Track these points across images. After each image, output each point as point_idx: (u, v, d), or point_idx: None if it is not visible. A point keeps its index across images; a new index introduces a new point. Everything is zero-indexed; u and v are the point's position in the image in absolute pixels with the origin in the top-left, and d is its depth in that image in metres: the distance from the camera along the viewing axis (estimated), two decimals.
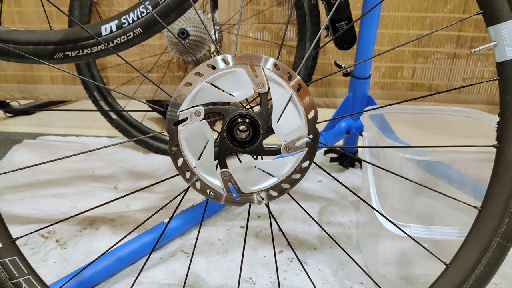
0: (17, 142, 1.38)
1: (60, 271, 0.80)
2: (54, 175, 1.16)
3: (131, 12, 0.64)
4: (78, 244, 0.87)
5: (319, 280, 0.79)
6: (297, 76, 0.45)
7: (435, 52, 1.28)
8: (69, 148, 1.34)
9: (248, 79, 0.45)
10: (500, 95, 0.50)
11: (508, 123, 0.49)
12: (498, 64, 0.49)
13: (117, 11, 1.28)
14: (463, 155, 0.69)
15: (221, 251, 0.86)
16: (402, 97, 1.35)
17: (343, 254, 0.85)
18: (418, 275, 0.77)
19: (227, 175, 0.46)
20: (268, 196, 0.47)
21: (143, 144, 1.32)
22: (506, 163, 0.49)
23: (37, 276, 0.53)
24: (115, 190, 1.10)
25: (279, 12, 1.27)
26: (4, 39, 0.63)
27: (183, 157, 0.46)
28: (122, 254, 0.79)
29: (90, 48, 0.65)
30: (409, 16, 1.22)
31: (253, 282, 0.78)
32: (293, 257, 0.85)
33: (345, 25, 0.94)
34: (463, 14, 1.21)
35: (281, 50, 1.26)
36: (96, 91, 1.28)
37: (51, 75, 1.39)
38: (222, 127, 0.45)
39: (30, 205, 1.01)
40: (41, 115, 1.71)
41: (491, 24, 0.48)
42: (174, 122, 0.45)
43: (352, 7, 0.97)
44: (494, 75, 0.76)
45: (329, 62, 1.31)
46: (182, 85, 0.45)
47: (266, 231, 0.93)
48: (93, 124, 1.56)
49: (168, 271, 0.80)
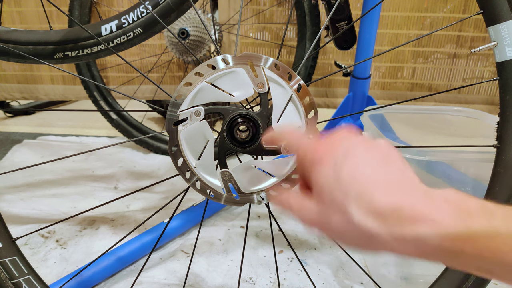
0: (17, 142, 1.38)
1: (60, 271, 0.80)
2: (54, 175, 1.16)
3: (131, 12, 0.64)
4: (78, 244, 0.87)
5: (319, 280, 0.79)
6: (297, 76, 0.45)
7: (435, 52, 1.28)
8: (69, 148, 1.34)
9: (248, 79, 0.45)
10: (500, 95, 0.50)
11: (508, 123, 0.49)
12: (498, 64, 0.49)
13: (117, 11, 1.28)
14: (463, 155, 0.69)
15: (221, 251, 0.86)
16: (402, 97, 1.35)
17: (343, 254, 0.85)
18: (418, 275, 0.77)
19: (227, 175, 0.46)
20: (268, 196, 0.47)
21: (143, 144, 1.32)
22: (506, 163, 0.49)
23: (37, 276, 0.53)
24: (115, 190, 1.10)
25: (279, 12, 1.27)
26: (4, 39, 0.63)
27: (183, 157, 0.46)
28: (122, 254, 0.79)
29: (90, 48, 0.65)
30: (409, 16, 1.22)
31: (253, 282, 0.78)
32: (293, 257, 0.85)
33: (345, 25, 0.94)
34: (463, 14, 1.21)
35: (281, 50, 1.26)
36: (96, 91, 1.28)
37: (51, 75, 1.39)
38: (222, 127, 0.45)
39: (30, 205, 1.01)
40: (41, 115, 1.71)
41: (491, 24, 0.49)
42: (174, 122, 0.45)
43: (352, 7, 0.96)
44: (494, 75, 0.76)
45: (329, 62, 1.31)
46: (182, 85, 0.45)
47: (266, 231, 0.93)
48: (93, 124, 1.56)
49: (168, 271, 0.80)
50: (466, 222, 0.26)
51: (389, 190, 0.29)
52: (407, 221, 0.27)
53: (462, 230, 0.26)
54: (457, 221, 0.26)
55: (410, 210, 0.27)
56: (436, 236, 0.26)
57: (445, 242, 0.26)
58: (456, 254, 0.27)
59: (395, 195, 0.29)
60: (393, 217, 0.28)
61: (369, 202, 0.29)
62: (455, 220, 0.26)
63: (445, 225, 0.26)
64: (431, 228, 0.27)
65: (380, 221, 0.28)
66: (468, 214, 0.26)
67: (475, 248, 0.26)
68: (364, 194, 0.29)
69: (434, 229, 0.26)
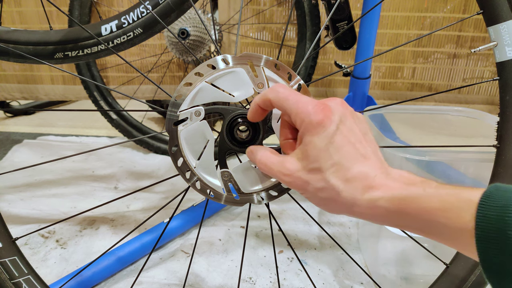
0: (17, 142, 1.38)
1: (60, 271, 0.80)
2: (54, 175, 1.16)
3: (131, 12, 0.64)
4: (78, 244, 0.87)
5: (319, 280, 0.79)
6: (297, 76, 0.45)
7: (435, 52, 1.28)
8: (69, 148, 1.34)
9: (248, 79, 0.45)
10: (500, 95, 0.50)
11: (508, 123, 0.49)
12: (498, 64, 0.49)
13: (117, 11, 1.28)
14: (463, 155, 0.69)
15: (221, 251, 0.86)
16: (402, 97, 1.35)
17: (343, 254, 0.85)
18: (418, 275, 0.77)
19: (227, 175, 0.46)
20: (268, 196, 0.47)
21: (143, 144, 1.32)
22: (506, 163, 0.49)
23: (37, 276, 0.53)
24: (115, 190, 1.10)
25: (279, 12, 1.27)
26: (4, 39, 0.63)
27: (183, 157, 0.46)
28: (122, 254, 0.79)
29: (90, 48, 0.65)
30: (409, 16, 1.22)
31: (253, 282, 0.78)
32: (293, 257, 0.85)
33: (345, 25, 0.94)
34: (463, 14, 1.21)
35: (281, 50, 1.26)
36: (96, 91, 1.28)
37: (51, 75, 1.39)
38: (222, 127, 0.45)
39: (30, 205, 1.01)
40: (41, 115, 1.71)
41: (491, 24, 0.49)
42: (174, 122, 0.45)
43: (352, 7, 0.96)
44: (494, 75, 0.76)
45: (329, 62, 1.31)
46: (182, 85, 0.45)
47: (266, 231, 0.93)
48: (93, 124, 1.56)
49: (168, 271, 0.80)
50: (408, 189, 0.33)
51: (361, 163, 0.36)
52: (367, 188, 0.35)
53: (404, 193, 0.33)
54: (402, 188, 0.34)
55: (372, 180, 0.35)
56: (385, 199, 0.34)
57: (391, 203, 0.33)
58: (398, 214, 0.33)
59: (364, 167, 0.35)
60: (358, 184, 0.35)
61: (345, 170, 0.35)
62: (401, 187, 0.34)
63: (393, 191, 0.34)
64: (383, 193, 0.34)
65: (348, 186, 0.35)
66: (412, 184, 0.34)
67: (412, 209, 0.32)
68: (344, 164, 0.35)
69: (385, 194, 0.34)
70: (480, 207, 0.29)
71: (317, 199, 0.37)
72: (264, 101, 0.40)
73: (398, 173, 0.36)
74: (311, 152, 0.36)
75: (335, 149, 0.35)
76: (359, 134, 0.37)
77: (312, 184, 0.36)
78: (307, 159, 0.36)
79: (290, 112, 0.38)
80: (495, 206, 0.28)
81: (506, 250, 0.27)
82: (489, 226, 0.28)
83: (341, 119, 0.36)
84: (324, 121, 0.36)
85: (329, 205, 0.37)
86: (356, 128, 0.37)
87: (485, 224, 0.28)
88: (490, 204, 0.28)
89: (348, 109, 0.38)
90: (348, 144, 0.36)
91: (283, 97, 0.39)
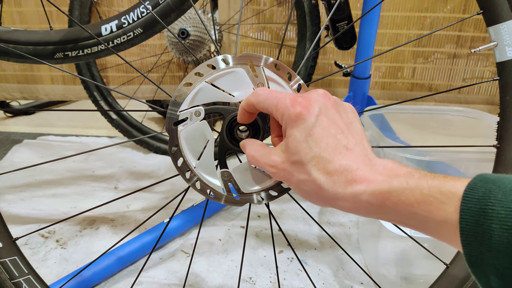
0: (17, 142, 1.38)
1: (60, 271, 0.80)
2: (54, 175, 1.16)
3: (131, 12, 0.64)
4: (78, 244, 0.87)
5: (319, 280, 0.79)
6: (297, 76, 0.45)
7: (435, 52, 1.28)
8: (69, 148, 1.34)
9: (248, 79, 0.45)
10: (500, 95, 0.50)
11: (508, 123, 0.49)
12: (498, 64, 0.49)
13: (117, 11, 1.28)
14: (463, 155, 0.69)
15: (221, 251, 0.86)
16: (402, 97, 1.35)
17: (343, 254, 0.85)
18: (418, 275, 0.77)
19: (227, 175, 0.46)
20: (268, 196, 0.47)
21: (143, 144, 1.32)
22: (506, 163, 0.49)
23: (37, 276, 0.53)
24: (115, 190, 1.10)
25: (279, 12, 1.27)
26: (4, 39, 0.63)
27: (183, 157, 0.46)
28: (122, 254, 0.79)
29: (90, 48, 0.65)
30: (409, 16, 1.22)
31: (253, 282, 0.78)
32: (293, 257, 0.85)
33: (345, 25, 0.94)
34: (463, 14, 1.21)
35: (281, 50, 1.26)
36: (96, 91, 1.28)
37: (51, 75, 1.39)
38: (222, 127, 0.45)
39: (30, 205, 1.01)
40: (41, 115, 1.71)
41: (491, 24, 0.49)
42: (174, 122, 0.45)
43: (352, 7, 0.96)
44: (494, 75, 0.76)
45: (329, 62, 1.31)
46: (182, 85, 0.45)
47: (266, 231, 0.93)
48: (93, 124, 1.56)
49: (168, 271, 0.80)
50: (391, 182, 0.32)
51: (343, 156, 0.35)
52: (349, 182, 0.34)
53: (386, 187, 0.32)
54: (385, 182, 0.33)
55: (354, 173, 0.34)
56: (367, 193, 0.33)
57: (373, 197, 0.33)
58: (380, 208, 0.33)
59: (347, 160, 0.35)
60: (341, 178, 0.34)
61: (326, 163, 0.35)
62: (384, 181, 0.33)
63: (375, 184, 0.33)
64: (365, 187, 0.33)
65: (330, 179, 0.34)
66: (395, 176, 0.33)
67: (393, 202, 0.32)
68: (324, 156, 0.35)
69: (367, 188, 0.33)
70: (464, 199, 0.28)
71: (301, 191, 0.37)
72: (248, 105, 0.41)
73: (382, 164, 0.34)
74: (291, 145, 0.36)
75: (314, 142, 0.35)
76: (341, 125, 0.36)
77: (296, 176, 0.36)
78: (288, 151, 0.37)
79: (271, 110, 0.39)
80: (477, 198, 0.28)
81: (485, 242, 0.26)
82: (470, 219, 0.27)
83: (321, 110, 0.36)
84: (302, 113, 0.35)
85: (313, 197, 0.37)
86: (339, 118, 0.37)
87: (468, 217, 0.28)
88: (474, 196, 0.28)
89: (330, 100, 0.38)
90: (328, 136, 0.35)
91: (262, 99, 0.39)
